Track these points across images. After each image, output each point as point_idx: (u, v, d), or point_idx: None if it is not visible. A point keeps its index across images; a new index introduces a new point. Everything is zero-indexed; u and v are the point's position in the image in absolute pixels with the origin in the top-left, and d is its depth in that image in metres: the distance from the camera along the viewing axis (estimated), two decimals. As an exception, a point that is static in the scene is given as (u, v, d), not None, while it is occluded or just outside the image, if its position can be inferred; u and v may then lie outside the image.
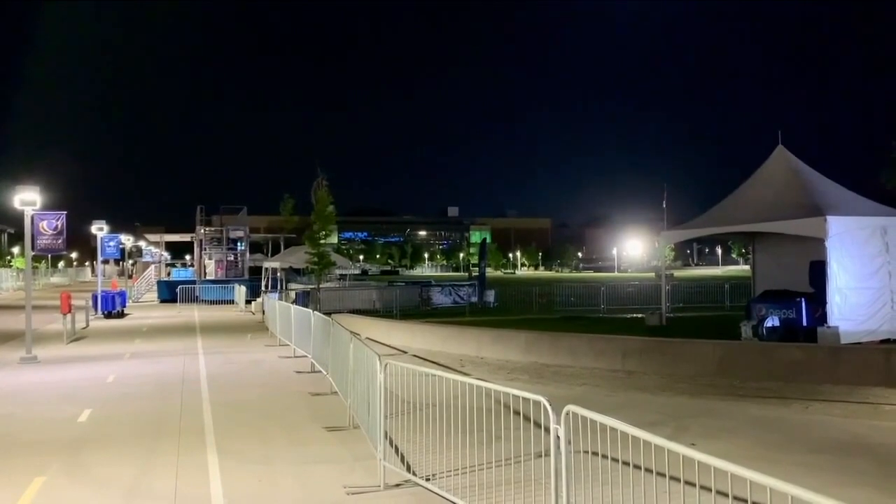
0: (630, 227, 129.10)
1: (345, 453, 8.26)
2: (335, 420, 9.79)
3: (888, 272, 15.45)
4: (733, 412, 10.30)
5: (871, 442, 8.51)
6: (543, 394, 5.04)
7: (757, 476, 3.17)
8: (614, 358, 14.57)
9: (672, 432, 8.30)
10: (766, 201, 16.90)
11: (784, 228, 16.21)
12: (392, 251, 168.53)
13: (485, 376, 12.35)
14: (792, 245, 17.18)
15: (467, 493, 6.02)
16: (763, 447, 8.22)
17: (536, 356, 15.48)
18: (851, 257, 15.21)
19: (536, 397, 5.03)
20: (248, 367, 16.01)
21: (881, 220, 15.47)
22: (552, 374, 13.84)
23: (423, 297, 34.52)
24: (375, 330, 20.93)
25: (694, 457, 3.56)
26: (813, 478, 6.64)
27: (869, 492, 6.38)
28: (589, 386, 12.61)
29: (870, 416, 9.87)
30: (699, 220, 20.04)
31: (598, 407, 4.65)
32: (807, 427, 9.34)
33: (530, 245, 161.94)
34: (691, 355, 14.17)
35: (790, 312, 16.05)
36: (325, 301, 27.19)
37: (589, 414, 4.54)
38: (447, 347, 17.39)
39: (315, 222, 25.88)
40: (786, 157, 17.82)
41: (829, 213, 15.05)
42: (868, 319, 15.17)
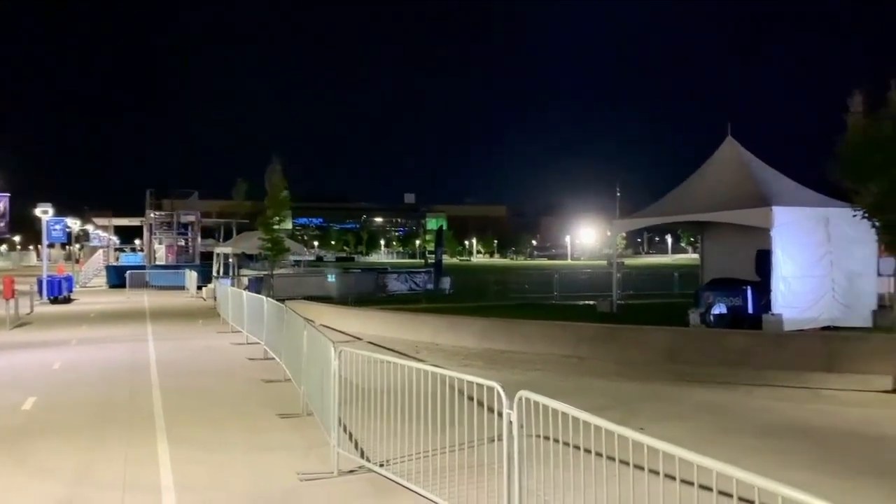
0: (583, 215, 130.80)
1: (298, 440, 8.22)
2: (288, 407, 9.73)
3: (830, 261, 15.96)
4: (681, 397, 10.57)
5: (812, 425, 8.82)
6: (497, 379, 5.09)
7: (702, 459, 3.26)
8: (567, 344, 14.77)
9: (622, 417, 8.46)
10: (714, 192, 17.29)
11: (731, 218, 16.61)
12: (348, 238, 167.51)
13: (440, 362, 12.40)
14: (739, 234, 17.61)
15: (421, 479, 6.06)
16: (709, 431, 8.45)
17: (491, 342, 15.59)
18: (795, 247, 15.67)
19: (490, 383, 5.08)
20: (200, 354, 15.78)
21: (824, 211, 15.95)
22: (506, 360, 13.97)
23: (379, 284, 34.45)
24: (330, 317, 20.83)
25: (642, 441, 3.65)
26: (756, 460, 6.85)
27: (808, 473, 6.61)
28: (542, 372, 12.76)
29: (810, 400, 10.23)
30: (650, 210, 20.41)
31: (550, 392, 4.72)
32: (751, 411, 9.64)
33: (486, 232, 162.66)
34: (641, 342, 14.45)
35: (737, 300, 16.49)
36: (278, 287, 26.93)
37: (541, 399, 4.61)
38: (402, 334, 17.40)
39: (269, 208, 25.56)
40: (734, 149, 18.23)
41: (775, 203, 15.46)
42: (810, 307, 15.67)
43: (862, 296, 16.30)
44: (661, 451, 3.52)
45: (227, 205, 39.68)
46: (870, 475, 6.78)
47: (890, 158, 10.02)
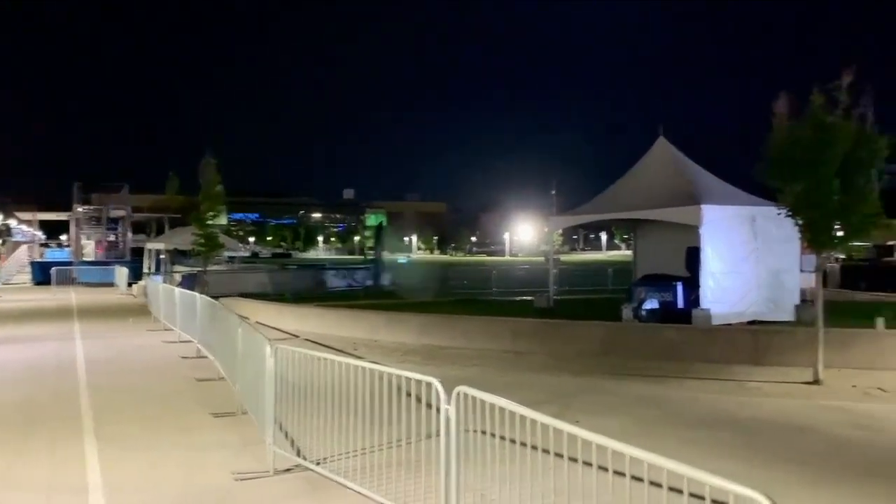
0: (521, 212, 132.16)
1: (233, 439, 8.07)
2: (223, 405, 9.54)
3: (756, 258, 16.57)
4: (615, 390, 10.81)
5: (739, 416, 9.15)
6: (436, 375, 5.11)
7: (633, 450, 3.35)
8: (505, 339, 14.94)
9: (558, 410, 8.61)
10: (646, 190, 17.72)
11: (663, 216, 17.06)
12: (285, 233, 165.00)
13: (378, 359, 12.36)
14: (670, 232, 18.10)
15: (358, 476, 6.03)
16: (643, 423, 8.67)
17: (430, 338, 15.64)
18: (723, 244, 16.20)
19: (428, 379, 5.09)
20: (130, 352, 15.32)
21: (751, 210, 16.54)
22: (445, 356, 14.03)
23: (317, 281, 34.09)
24: (266, 314, 20.51)
25: (576, 433, 3.72)
26: (687, 451, 7.07)
27: (737, 463, 6.85)
28: (481, 367, 12.87)
29: (737, 392, 10.60)
30: (585, 208, 20.77)
31: (488, 387, 4.76)
32: (682, 403, 9.93)
33: (426, 228, 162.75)
34: (577, 336, 14.74)
35: (667, 295, 16.95)
36: (212, 284, 26.32)
37: (479, 394, 4.65)
38: (341, 331, 17.28)
39: (202, 202, 24.94)
40: (666, 149, 18.72)
41: (704, 202, 15.95)
42: (738, 302, 16.23)
43: (786, 291, 17.00)
44: (595, 443, 3.60)
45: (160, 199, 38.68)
46: (794, 463, 7.08)
47: (812, 159, 10.43)
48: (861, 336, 12.84)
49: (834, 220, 10.77)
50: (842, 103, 10.37)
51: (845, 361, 11.67)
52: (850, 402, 9.77)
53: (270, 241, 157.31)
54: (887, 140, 10.43)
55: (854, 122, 10.42)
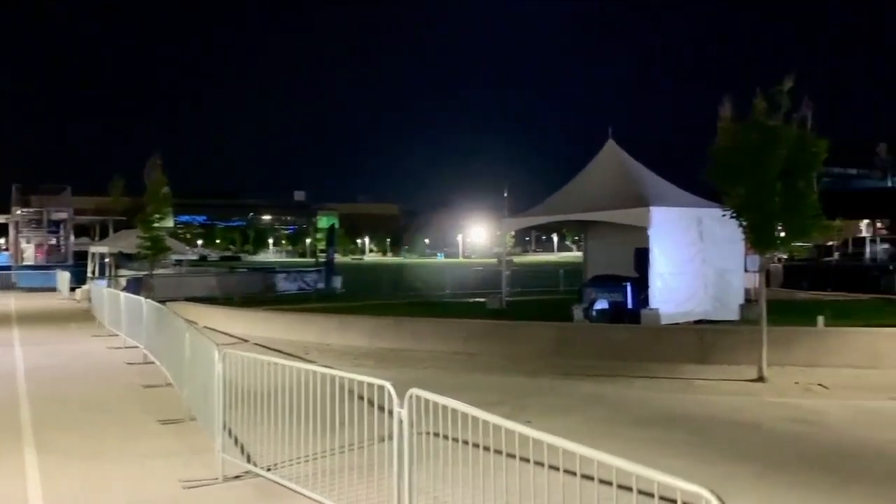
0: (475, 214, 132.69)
1: (181, 446, 7.89)
2: (170, 412, 9.32)
3: (702, 259, 16.96)
4: (567, 390, 10.91)
5: (688, 414, 9.32)
6: (389, 378, 5.08)
7: (584, 450, 3.38)
8: (457, 341, 14.96)
9: (510, 411, 8.65)
10: (596, 192, 17.97)
11: (612, 217, 17.32)
12: (234, 236, 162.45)
13: (330, 363, 12.24)
14: (620, 233, 18.39)
15: (309, 481, 5.96)
16: (594, 422, 8.77)
17: (382, 341, 15.56)
18: (671, 245, 16.54)
19: (381, 382, 5.06)
20: (73, 359, 14.86)
21: (697, 211, 16.92)
22: (398, 359, 13.97)
23: (267, 284, 33.62)
24: (215, 318, 20.14)
25: (528, 434, 3.74)
26: (637, 449, 7.15)
27: (686, 461, 6.98)
28: (433, 369, 12.85)
29: (685, 390, 10.80)
30: (537, 209, 20.96)
31: (441, 389, 4.75)
32: (631, 402, 10.08)
33: (379, 231, 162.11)
34: (529, 337, 14.85)
35: (617, 296, 17.22)
36: (159, 288, 25.73)
37: (431, 396, 4.64)
38: (291, 335, 17.06)
39: (148, 204, 24.34)
40: (615, 151, 19.03)
41: (653, 204, 16.26)
42: (685, 302, 16.58)
43: (731, 291, 17.45)
44: (546, 442, 3.62)
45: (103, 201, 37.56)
46: (739, 459, 7.24)
47: (755, 162, 10.71)
48: (803, 334, 13.23)
49: (776, 221, 11.07)
50: (783, 108, 10.68)
51: (788, 359, 12.01)
52: (793, 399, 10.04)
53: (219, 244, 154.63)
54: (826, 143, 10.78)
55: (795, 126, 10.74)
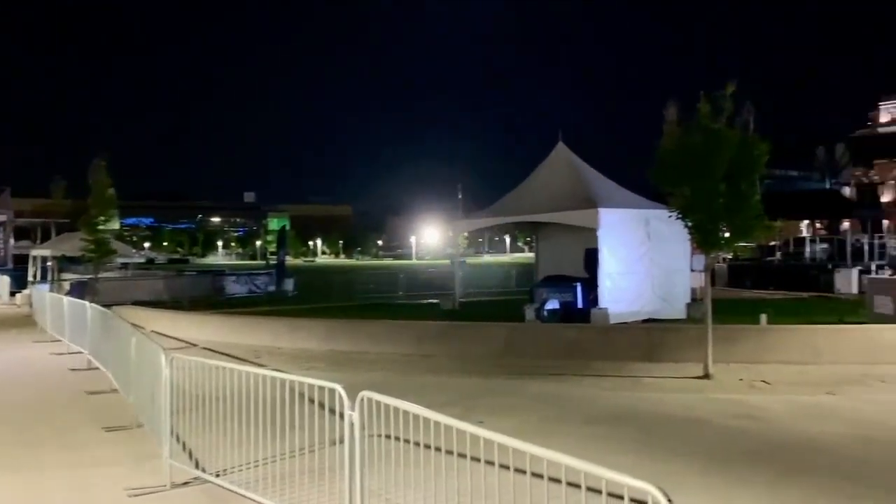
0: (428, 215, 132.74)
1: (127, 454, 7.70)
2: (116, 419, 9.10)
3: (650, 259, 17.32)
4: (519, 389, 11.01)
5: (636, 412, 9.50)
6: (342, 381, 5.05)
7: (533, 448, 3.42)
8: (410, 342, 14.95)
9: (463, 411, 8.68)
10: (547, 194, 18.20)
11: (562, 219, 17.57)
12: (182, 238, 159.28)
13: (281, 366, 12.11)
14: (570, 234, 18.65)
15: (260, 487, 5.89)
16: (545, 421, 8.87)
17: (335, 344, 15.46)
18: (619, 245, 16.85)
19: (331, 385, 5.03)
20: (14, 366, 14.38)
21: (645, 213, 17.26)
22: (351, 362, 13.90)
23: (216, 287, 33.06)
24: (162, 322, 19.72)
25: (478, 434, 3.77)
26: (587, 447, 7.28)
27: (633, 457, 7.11)
28: (386, 371, 12.82)
29: (634, 388, 11.01)
30: (489, 211, 21.11)
31: (394, 391, 4.75)
32: (582, 400, 10.22)
33: (331, 232, 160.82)
34: (482, 337, 14.93)
35: (568, 296, 17.46)
36: (104, 292, 25.09)
37: (383, 398, 4.63)
38: (241, 338, 16.81)
39: (92, 206, 23.70)
40: (565, 154, 19.30)
41: (601, 205, 16.53)
42: (633, 301, 16.91)
43: (677, 290, 17.86)
44: (496, 442, 3.65)
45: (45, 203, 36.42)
46: (685, 455, 7.41)
47: (699, 164, 10.97)
48: (746, 332, 13.61)
49: (720, 221, 11.36)
50: (726, 111, 10.97)
51: (733, 356, 12.32)
52: (737, 395, 10.32)
53: (167, 247, 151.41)
54: (767, 146, 11.11)
55: (737, 129, 11.05)
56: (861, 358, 12.27)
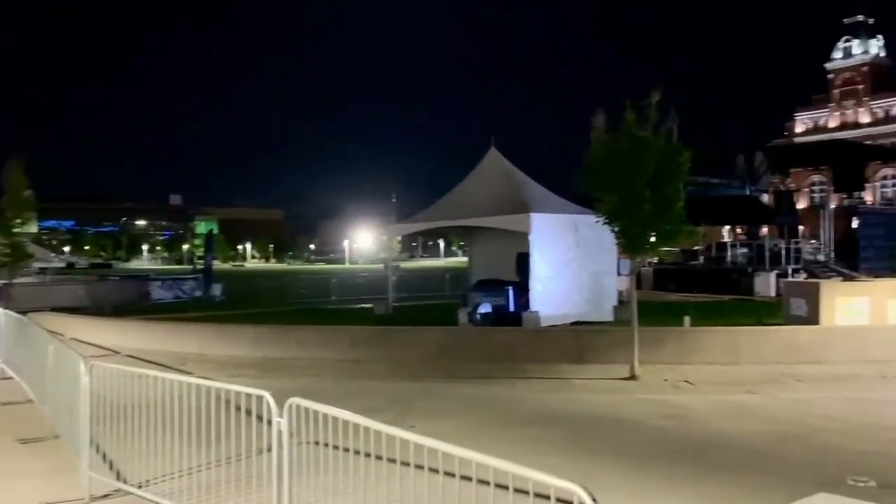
0: (362, 219, 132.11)
1: (43, 466, 7.37)
2: (31, 431, 8.69)
3: (579, 263, 17.69)
4: (451, 393, 11.05)
5: (565, 413, 9.66)
6: (271, 388, 4.97)
7: (462, 452, 3.44)
8: (343, 348, 14.82)
9: (395, 416, 8.67)
10: (480, 198, 18.37)
11: (495, 223, 17.76)
12: (105, 242, 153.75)
13: (208, 374, 11.81)
14: (502, 238, 18.85)
15: (184, 497, 5.73)
16: (477, 424, 8.93)
17: (264, 350, 15.18)
18: (550, 250, 17.15)
19: (259, 392, 4.94)
20: (-83, 378, 13.56)
21: (574, 218, 17.61)
22: (281, 368, 13.68)
23: (141, 292, 32.01)
24: (83, 329, 18.97)
25: (408, 438, 3.77)
26: (517, 449, 7.35)
27: (562, 458, 7.23)
28: (318, 377, 12.67)
29: (564, 390, 11.20)
30: (423, 215, 21.14)
31: (325, 397, 4.70)
32: (513, 403, 10.34)
33: (261, 236, 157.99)
34: (415, 341, 14.93)
35: (500, 299, 17.65)
36: (20, 298, 23.97)
37: (312, 405, 4.57)
38: (167, 345, 16.33)
39: (8, 209, 22.63)
40: (497, 159, 19.52)
41: (533, 210, 16.79)
42: (563, 304, 17.22)
43: (605, 293, 18.29)
44: (426, 446, 3.66)
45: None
46: (611, 454, 7.58)
47: (625, 171, 11.26)
48: (671, 334, 14.05)
49: (646, 227, 11.69)
50: (651, 119, 11.31)
51: (658, 357, 12.69)
52: (662, 395, 10.63)
53: (89, 251, 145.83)
54: (690, 154, 11.49)
55: (662, 137, 11.39)
56: (779, 358, 12.82)
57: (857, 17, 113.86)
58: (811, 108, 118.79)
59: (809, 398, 10.31)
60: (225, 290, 33.17)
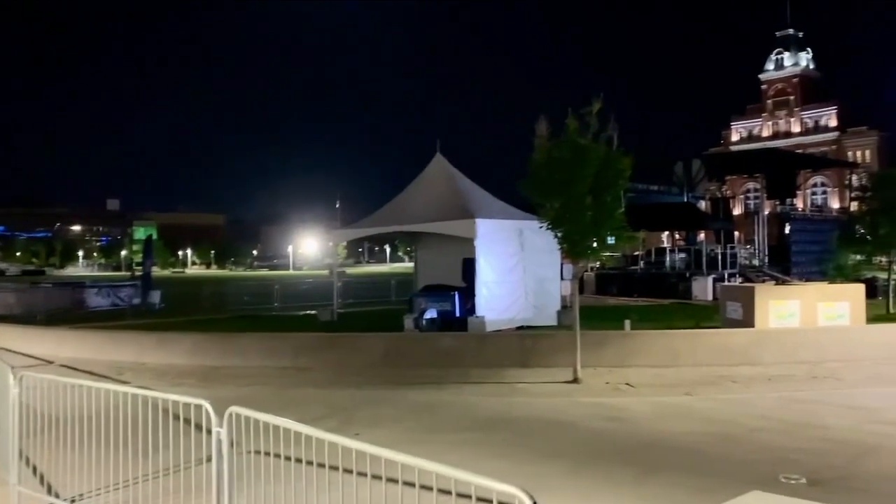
0: (306, 225, 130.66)
1: (-32, 484, 7.05)
2: (-44, 446, 8.30)
3: (523, 268, 17.87)
4: (396, 400, 11.01)
5: (510, 417, 9.74)
6: (212, 397, 4.87)
7: (405, 458, 3.43)
8: (286, 355, 14.63)
9: (339, 424, 8.60)
10: (426, 204, 18.40)
11: (440, 229, 17.81)
12: (38, 248, 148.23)
13: (146, 383, 11.51)
14: (448, 244, 18.92)
15: (121, 511, 5.57)
16: (421, 430, 8.92)
17: (205, 359, 14.88)
18: (495, 255, 17.28)
19: (197, 401, 4.84)
20: None
21: (518, 223, 17.79)
22: (223, 377, 13.41)
23: (76, 300, 30.96)
24: (13, 338, 18.24)
25: (351, 446, 3.74)
26: (461, 454, 7.39)
27: (507, 462, 7.28)
28: (260, 385, 12.47)
29: (508, 394, 11.29)
30: (368, 220, 21.05)
31: (267, 405, 4.64)
32: (458, 408, 10.37)
33: (202, 242, 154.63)
34: (360, 348, 14.84)
35: (446, 305, 17.70)
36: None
37: (253, 414, 4.50)
38: (103, 354, 15.84)
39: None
40: (443, 165, 19.59)
41: (478, 216, 16.90)
42: (508, 309, 17.37)
43: (549, 298, 18.53)
44: (369, 453, 3.64)
45: None
46: (554, 457, 7.67)
47: (567, 178, 11.44)
48: (612, 337, 14.31)
49: (587, 232, 11.89)
50: (592, 127, 11.52)
51: (600, 360, 12.92)
52: (603, 398, 10.81)
53: (20, 257, 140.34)
54: (630, 161, 11.75)
55: (603, 145, 11.62)
56: (715, 360, 13.20)
57: (788, 31, 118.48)
58: (746, 117, 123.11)
59: (745, 399, 10.63)
60: (164, 297, 32.33)
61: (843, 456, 7.53)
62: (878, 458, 7.46)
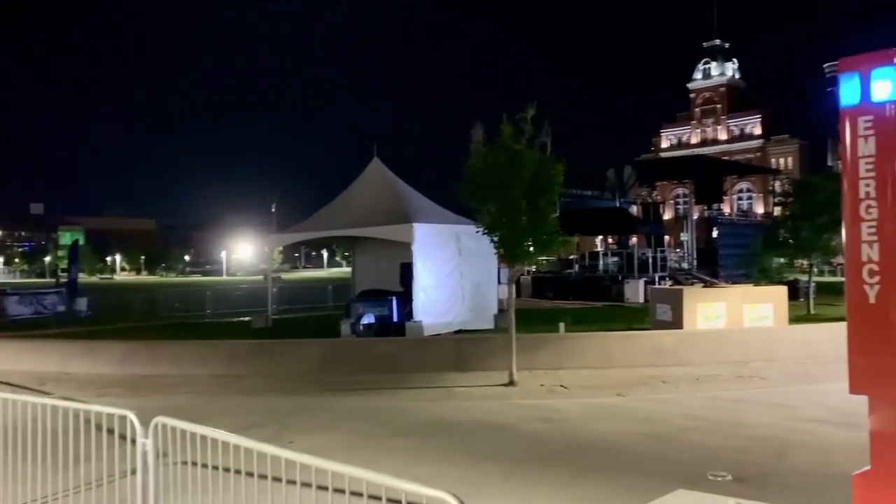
0: (241, 230, 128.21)
1: None
2: None
3: (460, 272, 17.96)
4: (332, 406, 10.90)
5: (445, 421, 9.75)
6: (140, 407, 4.73)
7: (336, 466, 3.40)
8: (219, 363, 14.31)
9: (273, 433, 8.45)
10: (363, 208, 18.31)
11: (378, 234, 17.75)
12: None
13: (69, 394, 11.07)
14: (386, 248, 18.87)
15: (40, 528, 5.33)
16: (356, 437, 8.84)
17: (134, 367, 14.41)
18: (432, 259, 17.32)
19: (122, 412, 4.68)
20: None
21: (455, 228, 17.88)
22: (151, 386, 13.01)
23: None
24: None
25: (280, 455, 3.68)
26: (395, 459, 7.35)
27: (440, 466, 7.28)
28: (192, 394, 12.15)
29: (445, 398, 11.31)
30: (304, 225, 20.82)
31: (199, 414, 4.54)
32: (394, 413, 10.32)
33: (132, 247, 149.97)
34: (295, 355, 14.63)
35: (384, 310, 17.63)
36: None
37: (180, 424, 4.38)
38: (23, 364, 15.16)
39: None
40: (380, 169, 19.55)
41: (416, 220, 16.91)
42: (445, 313, 17.42)
43: (486, 301, 18.68)
44: (299, 462, 3.59)
45: None
46: (491, 460, 7.71)
47: (502, 183, 11.56)
48: (547, 340, 14.51)
49: (523, 237, 12.03)
50: (526, 133, 11.66)
51: (535, 363, 13.07)
52: (538, 400, 10.94)
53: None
54: (563, 166, 11.94)
55: (537, 150, 11.78)
56: (647, 361, 13.52)
57: (715, 42, 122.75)
58: (675, 125, 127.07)
59: (674, 399, 10.91)
60: (91, 304, 31.19)
61: (766, 453, 7.80)
62: (799, 455, 7.76)
